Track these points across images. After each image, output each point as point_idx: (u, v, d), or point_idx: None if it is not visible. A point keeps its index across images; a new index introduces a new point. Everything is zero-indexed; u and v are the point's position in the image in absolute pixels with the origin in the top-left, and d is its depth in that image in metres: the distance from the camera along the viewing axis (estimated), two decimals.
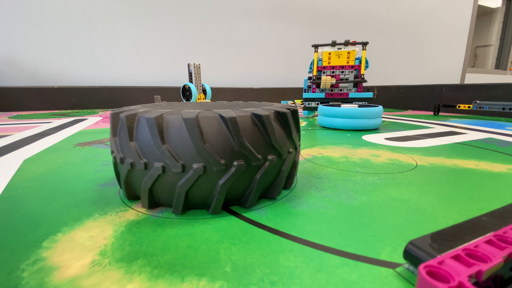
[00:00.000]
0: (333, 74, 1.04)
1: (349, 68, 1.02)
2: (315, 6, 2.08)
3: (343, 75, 1.03)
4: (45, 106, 1.53)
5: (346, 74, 1.03)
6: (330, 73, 1.04)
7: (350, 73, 1.03)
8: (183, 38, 1.78)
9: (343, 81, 1.03)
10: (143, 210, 0.26)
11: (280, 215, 0.25)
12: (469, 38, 2.77)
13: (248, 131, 0.24)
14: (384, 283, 0.16)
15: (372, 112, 0.76)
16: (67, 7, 1.51)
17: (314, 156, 0.47)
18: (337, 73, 1.04)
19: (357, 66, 1.02)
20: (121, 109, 0.27)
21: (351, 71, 1.02)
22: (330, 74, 1.04)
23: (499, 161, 0.44)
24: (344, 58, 1.02)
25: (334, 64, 1.04)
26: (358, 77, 1.02)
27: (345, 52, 1.02)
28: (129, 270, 0.17)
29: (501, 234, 0.16)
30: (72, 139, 0.64)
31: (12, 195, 0.30)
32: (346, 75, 1.03)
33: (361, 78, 1.02)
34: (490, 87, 1.24)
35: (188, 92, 1.35)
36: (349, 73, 1.03)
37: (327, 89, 1.05)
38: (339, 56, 1.02)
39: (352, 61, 1.02)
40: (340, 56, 1.02)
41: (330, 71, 1.04)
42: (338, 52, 1.03)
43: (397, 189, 0.32)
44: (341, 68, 1.03)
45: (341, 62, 1.03)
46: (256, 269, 0.17)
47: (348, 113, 0.76)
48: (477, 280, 0.13)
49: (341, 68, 1.03)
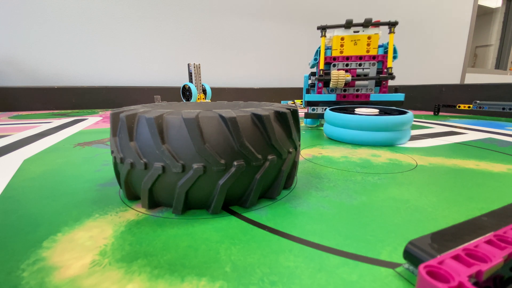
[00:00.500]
0: (347, 67, 0.77)
1: (369, 59, 0.74)
2: (315, 6, 2.08)
3: (361, 69, 0.76)
4: (45, 106, 1.53)
5: (366, 67, 0.75)
6: (343, 67, 0.77)
7: (371, 67, 0.75)
8: (183, 38, 1.78)
9: (361, 77, 0.74)
10: (143, 210, 0.26)
11: (280, 215, 0.25)
12: (469, 38, 2.77)
13: (248, 131, 0.24)
14: (384, 283, 0.16)
15: (400, 122, 0.53)
16: (67, 7, 1.51)
17: (314, 156, 0.47)
18: (353, 66, 0.76)
19: (381, 57, 0.74)
20: (121, 109, 0.27)
21: (373, 64, 0.74)
22: (343, 67, 0.77)
23: (499, 161, 0.44)
24: (362, 45, 0.75)
25: (349, 54, 0.76)
26: (383, 72, 0.74)
27: (364, 36, 0.74)
28: (129, 270, 0.17)
29: (501, 234, 0.16)
30: (72, 139, 0.64)
31: (12, 195, 0.30)
32: (366, 69, 0.75)
33: (388, 73, 0.72)
34: (490, 87, 1.24)
35: (188, 92, 1.35)
36: (369, 66, 0.75)
37: (339, 89, 0.78)
38: (355, 43, 0.75)
39: (374, 49, 0.74)
40: (357, 43, 0.75)
41: (343, 63, 0.76)
42: (354, 36, 0.75)
43: (397, 189, 0.32)
44: (358, 59, 0.75)
45: (358, 51, 0.75)
46: (256, 269, 0.17)
47: (367, 123, 0.55)
48: (477, 280, 0.13)
49: (358, 60, 0.75)
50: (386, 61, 0.73)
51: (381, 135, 0.54)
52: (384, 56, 0.74)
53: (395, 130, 0.54)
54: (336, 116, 0.60)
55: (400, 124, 0.54)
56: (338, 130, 0.59)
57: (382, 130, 0.54)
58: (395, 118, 0.53)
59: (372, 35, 0.74)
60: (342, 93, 0.77)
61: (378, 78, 0.73)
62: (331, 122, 0.62)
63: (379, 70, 0.75)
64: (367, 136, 0.55)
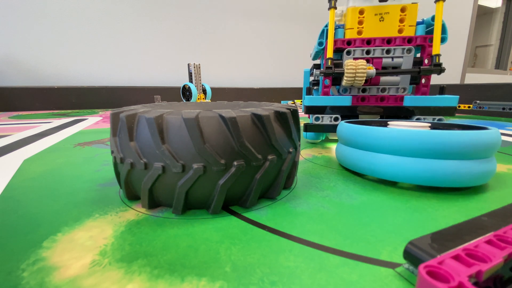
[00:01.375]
0: (368, 56, 0.50)
1: (403, 43, 0.48)
2: (315, 6, 2.08)
3: (389, 58, 0.49)
4: (45, 106, 1.53)
5: (397, 56, 0.49)
6: (362, 55, 0.50)
7: (405, 54, 0.48)
8: (183, 38, 1.78)
9: (389, 71, 0.48)
10: (143, 210, 0.26)
11: (280, 215, 0.25)
12: (469, 38, 2.77)
13: (248, 131, 0.24)
14: (384, 283, 0.16)
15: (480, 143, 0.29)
16: (67, 7, 1.51)
17: (314, 156, 0.47)
18: (378, 54, 0.49)
19: (422, 39, 0.48)
20: (121, 109, 0.27)
21: (408, 50, 0.48)
22: (362, 56, 0.50)
23: (499, 161, 0.44)
24: (392, 22, 0.49)
25: (372, 36, 0.50)
26: (424, 63, 0.48)
27: (395, 8, 0.48)
28: (129, 270, 0.17)
29: (501, 234, 0.16)
30: (72, 139, 0.64)
31: (12, 195, 0.30)
32: (397, 57, 0.49)
33: (433, 64, 0.46)
34: (490, 87, 1.24)
35: (188, 92, 1.35)
36: (403, 53, 0.49)
37: (356, 87, 0.52)
38: (382, 18, 0.49)
39: (410, 27, 0.49)
40: (384, 18, 0.49)
41: (363, 49, 0.49)
42: (380, 8, 0.49)
43: (397, 189, 0.32)
44: (385, 43, 0.49)
45: (386, 30, 0.49)
46: (256, 269, 0.17)
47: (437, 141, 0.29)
48: (477, 280, 0.13)
49: (385, 44, 0.49)
50: (429, 46, 0.48)
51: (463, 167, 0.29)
52: (427, 38, 0.48)
53: (482, 156, 0.30)
54: (362, 131, 0.35)
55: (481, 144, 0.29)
56: (365, 155, 0.35)
57: (465, 156, 0.29)
58: (471, 135, 0.29)
59: (407, 6, 0.48)
60: (361, 94, 0.52)
61: (418, 72, 0.47)
62: (350, 141, 0.37)
63: (417, 59, 0.49)
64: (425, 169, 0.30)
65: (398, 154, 0.32)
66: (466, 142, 0.29)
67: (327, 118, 0.52)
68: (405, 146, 0.30)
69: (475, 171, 0.29)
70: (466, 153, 0.29)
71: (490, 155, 0.31)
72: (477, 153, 0.30)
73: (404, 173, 0.31)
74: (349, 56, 0.50)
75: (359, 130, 0.35)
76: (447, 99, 0.48)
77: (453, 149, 0.29)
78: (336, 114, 0.52)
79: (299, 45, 2.10)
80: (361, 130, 0.35)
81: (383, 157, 0.33)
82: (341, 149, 0.40)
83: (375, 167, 0.33)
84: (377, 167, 0.33)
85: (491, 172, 0.31)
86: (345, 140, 0.39)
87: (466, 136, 0.29)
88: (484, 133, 0.29)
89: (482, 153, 0.30)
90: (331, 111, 0.52)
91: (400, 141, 0.31)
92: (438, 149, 0.29)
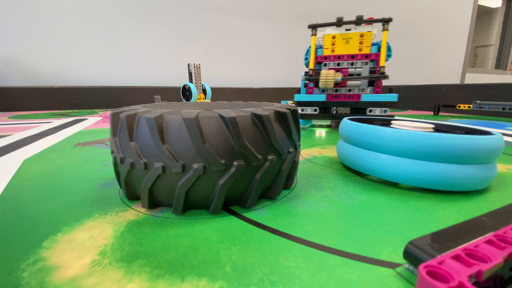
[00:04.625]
0: (338, 67, 0.75)
1: (362, 58, 0.73)
2: (315, 6, 2.08)
3: (353, 68, 0.74)
4: (45, 106, 1.53)
5: (358, 67, 0.73)
6: (334, 66, 0.75)
7: (364, 66, 0.73)
8: (183, 38, 1.78)
9: (353, 77, 0.73)
10: (143, 210, 0.26)
11: (280, 215, 0.25)
12: (469, 38, 2.77)
13: (248, 131, 0.24)
14: (384, 283, 0.16)
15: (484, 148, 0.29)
16: (67, 7, 1.51)
17: (314, 156, 0.47)
18: (345, 65, 0.74)
19: (375, 55, 0.71)
20: (121, 109, 0.27)
21: (366, 63, 0.72)
22: (334, 67, 0.75)
23: (499, 161, 0.44)
24: (354, 44, 0.72)
25: (341, 53, 0.74)
26: (376, 72, 0.72)
27: (356, 35, 0.72)
28: (129, 270, 0.17)
29: (501, 234, 0.16)
30: (72, 139, 0.64)
31: (12, 195, 0.30)
32: (358, 68, 0.73)
33: (380, 72, 0.71)
34: (490, 87, 1.24)
35: (188, 92, 1.35)
36: (362, 65, 0.73)
37: (329, 89, 0.77)
38: (347, 41, 0.73)
39: (367, 47, 0.72)
40: (349, 41, 0.73)
41: (335, 63, 0.75)
42: (346, 35, 0.73)
43: (397, 189, 0.32)
44: (350, 58, 0.73)
45: (350, 49, 0.73)
46: (256, 269, 0.17)
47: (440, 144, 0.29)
48: (477, 280, 0.13)
49: (350, 59, 0.73)
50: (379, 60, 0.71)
51: (465, 172, 0.29)
52: (378, 55, 0.71)
53: (485, 162, 0.30)
54: (365, 130, 0.34)
55: (482, 149, 0.29)
56: (367, 154, 0.35)
57: (468, 160, 0.29)
58: (474, 140, 0.29)
59: (365, 33, 0.71)
60: (334, 93, 0.76)
61: (369, 78, 0.71)
62: (352, 139, 0.37)
63: (373, 69, 0.72)
64: (433, 171, 0.30)
65: (401, 155, 0.31)
66: (470, 147, 0.28)
67: (310, 109, 0.79)
68: (408, 148, 0.30)
69: (476, 176, 0.29)
70: (469, 158, 0.29)
71: (492, 160, 0.30)
72: (480, 159, 0.29)
73: (406, 174, 0.31)
74: (326, 67, 0.77)
75: (362, 129, 0.35)
76: (389, 96, 0.71)
77: (457, 154, 0.29)
78: (315, 107, 0.79)
79: (299, 45, 2.10)
80: (364, 129, 0.34)
81: (385, 157, 0.33)
82: (342, 146, 0.40)
83: (376, 167, 0.33)
84: (378, 167, 0.33)
85: (492, 177, 0.31)
86: (347, 138, 0.38)
87: (470, 140, 0.28)
88: (488, 139, 0.29)
89: (485, 158, 0.29)
90: (311, 104, 0.79)
91: (404, 143, 0.30)
92: (442, 152, 0.29)
